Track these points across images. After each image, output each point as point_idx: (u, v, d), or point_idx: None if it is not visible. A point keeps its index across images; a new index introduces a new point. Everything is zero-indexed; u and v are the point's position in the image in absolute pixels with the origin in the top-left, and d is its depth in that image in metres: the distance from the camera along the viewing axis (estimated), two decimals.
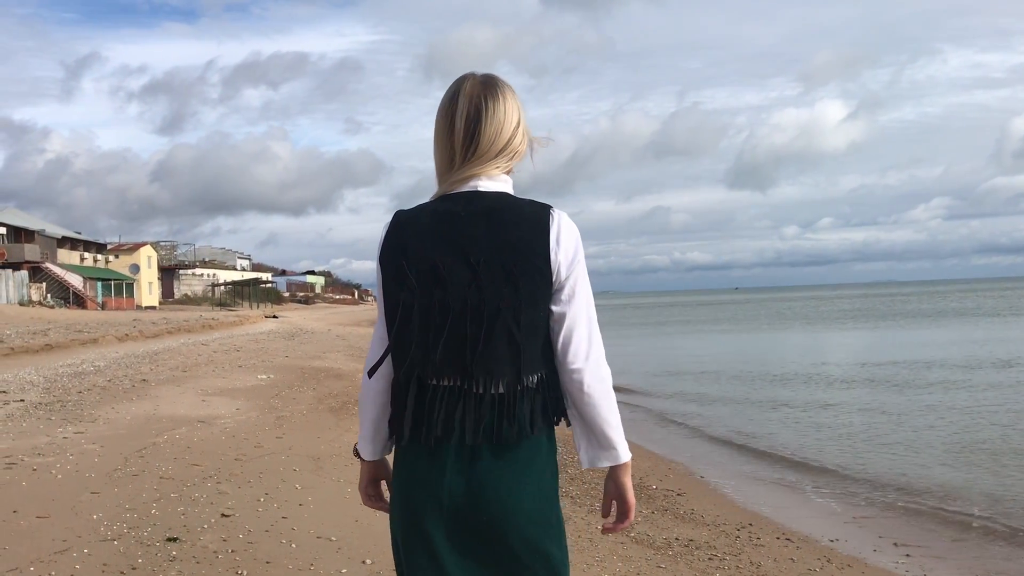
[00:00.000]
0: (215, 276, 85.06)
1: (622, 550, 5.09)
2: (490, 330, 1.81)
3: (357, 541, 4.67)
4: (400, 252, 1.86)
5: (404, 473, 1.89)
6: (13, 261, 50.55)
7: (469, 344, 1.81)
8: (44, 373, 13.62)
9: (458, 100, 1.90)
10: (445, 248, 1.83)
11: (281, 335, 28.06)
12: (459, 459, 1.82)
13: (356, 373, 15.14)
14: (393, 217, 1.93)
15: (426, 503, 1.83)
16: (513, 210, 1.88)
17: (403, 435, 1.87)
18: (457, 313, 1.81)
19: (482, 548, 1.83)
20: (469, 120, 1.89)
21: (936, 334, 31.18)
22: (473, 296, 1.81)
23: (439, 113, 1.94)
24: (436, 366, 1.83)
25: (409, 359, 1.85)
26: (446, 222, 1.86)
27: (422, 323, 1.83)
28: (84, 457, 6.72)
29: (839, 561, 5.32)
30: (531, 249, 1.83)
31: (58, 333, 23.26)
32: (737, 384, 16.90)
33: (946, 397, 13.96)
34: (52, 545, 4.41)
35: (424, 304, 1.83)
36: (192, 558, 4.29)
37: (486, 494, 1.81)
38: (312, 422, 9.03)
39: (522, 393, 1.84)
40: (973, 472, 8.45)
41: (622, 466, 1.92)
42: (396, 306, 1.85)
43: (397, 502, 1.90)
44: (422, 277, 1.83)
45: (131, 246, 69.52)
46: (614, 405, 1.90)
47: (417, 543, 1.85)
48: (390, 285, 1.87)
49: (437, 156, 1.95)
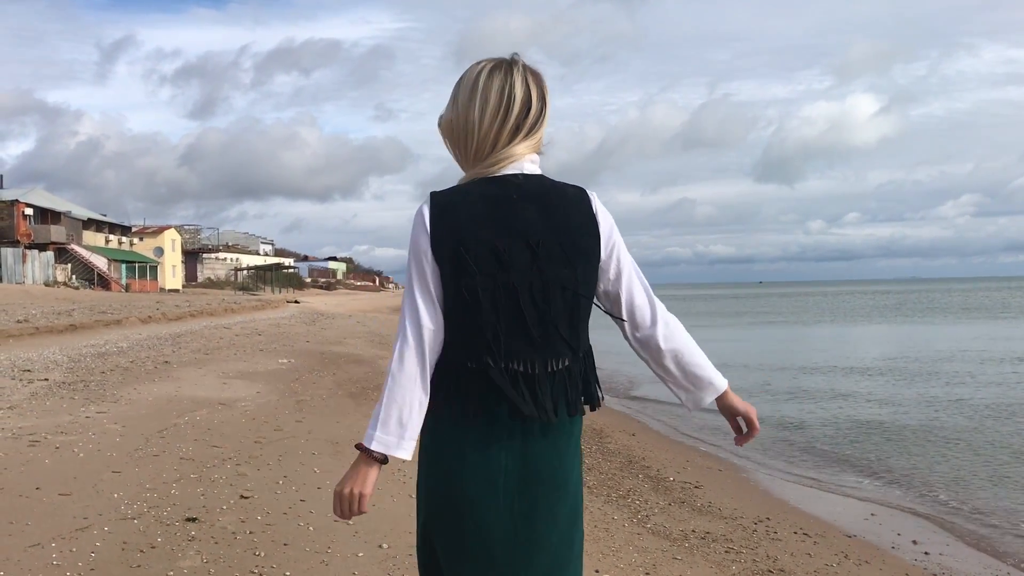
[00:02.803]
0: (238, 260, 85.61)
1: (638, 540, 5.09)
2: (555, 311, 1.85)
3: (373, 525, 4.69)
4: (455, 236, 1.83)
5: (453, 460, 1.86)
6: (39, 242, 51.15)
7: (537, 325, 1.84)
8: (68, 353, 13.77)
9: (513, 80, 1.90)
10: (503, 231, 1.84)
11: (302, 320, 28.22)
12: (512, 439, 1.85)
13: (376, 359, 15.20)
14: (432, 200, 1.88)
15: (481, 487, 1.84)
16: (558, 192, 1.92)
17: (464, 420, 1.84)
18: (523, 295, 1.83)
19: (530, 526, 1.86)
20: (524, 102, 1.90)
21: (965, 330, 30.86)
22: (536, 278, 1.84)
23: (484, 91, 1.89)
24: (505, 349, 1.83)
25: (477, 343, 1.83)
26: (501, 205, 1.86)
27: (490, 307, 1.82)
28: (106, 436, 6.79)
29: (856, 557, 5.28)
30: (583, 229, 1.89)
31: (82, 314, 23.51)
32: (758, 377, 16.80)
33: (976, 393, 13.81)
34: (73, 522, 4.47)
35: (488, 287, 1.82)
36: (211, 538, 4.33)
37: (541, 471, 1.86)
38: (332, 407, 9.08)
39: (577, 371, 1.90)
40: (995, 472, 8.35)
41: (726, 391, 2.11)
42: (457, 291, 1.82)
43: (441, 490, 1.88)
44: (482, 261, 1.82)
45: (155, 229, 70.11)
46: (695, 345, 2.06)
47: (468, 528, 1.85)
48: (447, 270, 1.83)
49: (472, 135, 1.91)
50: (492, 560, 1.85)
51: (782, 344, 26.83)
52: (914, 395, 13.94)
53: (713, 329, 36.08)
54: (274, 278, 77.61)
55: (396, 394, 1.83)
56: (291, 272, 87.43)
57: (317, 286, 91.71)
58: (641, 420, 10.89)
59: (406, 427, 1.85)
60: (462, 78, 1.95)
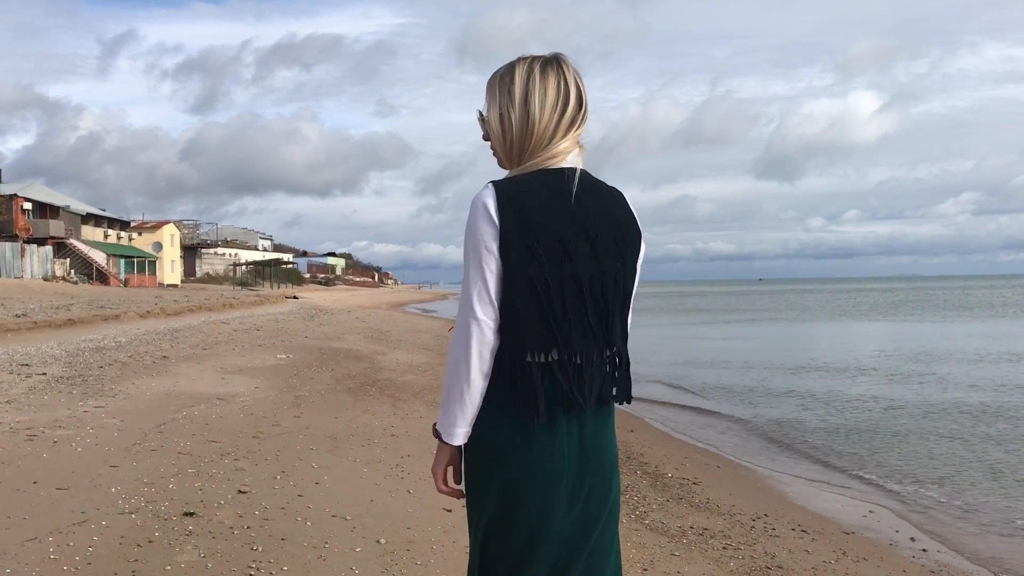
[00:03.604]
0: (236, 256, 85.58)
1: (636, 536, 5.09)
2: (610, 302, 1.93)
3: (372, 521, 4.69)
4: (525, 227, 1.85)
5: (520, 452, 1.89)
6: (38, 236, 51.10)
7: (598, 316, 1.92)
8: (66, 347, 13.76)
9: (567, 76, 1.96)
10: (567, 223, 1.90)
11: (301, 316, 28.21)
12: (570, 426, 1.91)
13: (375, 355, 15.20)
14: (496, 190, 1.89)
15: (550, 478, 1.89)
16: (603, 186, 2.00)
17: (526, 412, 1.87)
18: (585, 287, 1.90)
19: (587, 508, 1.95)
20: (577, 97, 1.97)
21: (962, 328, 30.88)
22: (595, 270, 1.91)
23: (542, 86, 1.95)
24: (571, 338, 1.89)
25: (541, 335, 1.87)
26: (565, 198, 1.91)
27: (558, 298, 1.87)
28: (104, 431, 6.78)
29: (854, 554, 5.28)
30: (629, 225, 1.99)
31: (81, 308, 23.50)
32: (755, 373, 16.82)
33: (971, 391, 13.83)
34: (71, 516, 4.46)
35: (556, 279, 1.87)
36: (208, 533, 4.33)
37: (597, 458, 1.96)
38: (330, 402, 9.07)
39: (624, 361, 2.00)
40: (991, 469, 8.36)
41: None
42: (525, 282, 1.85)
43: (512, 482, 1.90)
44: (550, 252, 1.86)
45: (154, 224, 70.07)
46: None
47: (537, 517, 1.89)
48: (513, 260, 1.85)
49: (532, 129, 1.94)
50: (553, 542, 1.91)
51: (781, 341, 26.85)
52: (911, 393, 13.95)
53: (714, 326, 36.11)
54: (273, 274, 77.60)
55: (471, 383, 1.87)
56: (290, 268, 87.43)
57: (316, 282, 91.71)
58: (639, 416, 10.90)
59: (476, 411, 1.91)
60: (510, 75, 1.97)
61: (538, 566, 1.91)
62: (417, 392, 10.35)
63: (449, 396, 1.90)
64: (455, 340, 1.89)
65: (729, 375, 16.77)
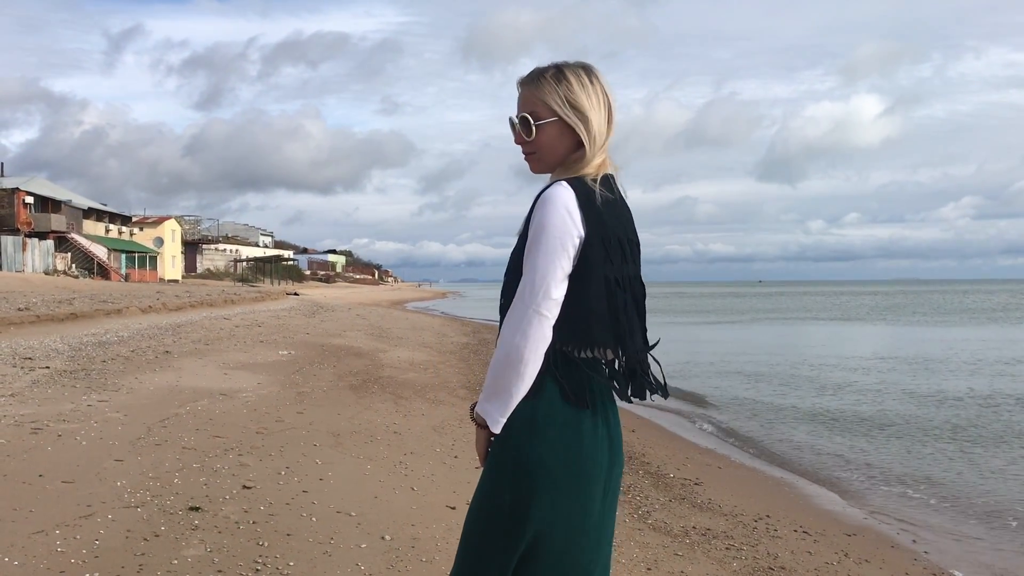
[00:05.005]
0: (237, 252, 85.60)
1: (639, 536, 5.10)
2: (642, 302, 2.08)
3: (376, 517, 4.71)
4: (602, 226, 1.94)
5: (572, 440, 1.94)
6: (40, 231, 51.09)
7: (639, 315, 2.05)
8: (69, 341, 13.77)
9: (606, 84, 2.06)
10: (621, 226, 2.01)
11: (302, 312, 28.21)
12: (606, 419, 2.03)
13: (376, 352, 15.21)
14: (573, 188, 1.95)
15: (595, 468, 1.97)
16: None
17: (577, 402, 1.95)
18: (633, 288, 2.03)
19: (612, 497, 2.08)
20: (614, 107, 2.07)
21: (962, 332, 30.88)
22: (634, 272, 2.04)
23: (595, 93, 2.02)
24: (629, 336, 2.01)
25: (600, 330, 1.96)
26: (617, 203, 2.03)
27: (622, 297, 1.97)
28: (108, 425, 6.80)
29: (856, 555, 5.30)
30: (636, 232, 2.09)
31: (83, 303, 23.50)
32: (756, 374, 16.82)
33: (972, 393, 13.83)
34: (77, 510, 4.48)
35: (619, 278, 1.97)
36: (214, 527, 4.34)
37: (620, 451, 2.08)
38: (332, 399, 9.09)
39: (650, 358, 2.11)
40: (993, 470, 8.37)
41: None
42: (601, 280, 1.94)
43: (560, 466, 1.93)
44: (615, 253, 1.96)
45: (156, 219, 70.06)
46: None
47: (583, 503, 1.96)
48: (591, 258, 1.93)
49: (597, 136, 2.01)
50: (591, 531, 1.99)
51: (782, 342, 26.84)
52: (912, 395, 13.95)
53: (714, 327, 36.11)
54: (273, 270, 77.60)
55: (524, 371, 1.90)
56: (290, 264, 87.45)
57: (316, 278, 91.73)
58: (640, 416, 10.90)
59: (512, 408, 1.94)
60: (566, 81, 2.00)
61: (581, 556, 1.98)
62: (419, 390, 10.36)
63: (503, 387, 1.91)
64: (515, 332, 1.89)
65: (729, 375, 16.77)
